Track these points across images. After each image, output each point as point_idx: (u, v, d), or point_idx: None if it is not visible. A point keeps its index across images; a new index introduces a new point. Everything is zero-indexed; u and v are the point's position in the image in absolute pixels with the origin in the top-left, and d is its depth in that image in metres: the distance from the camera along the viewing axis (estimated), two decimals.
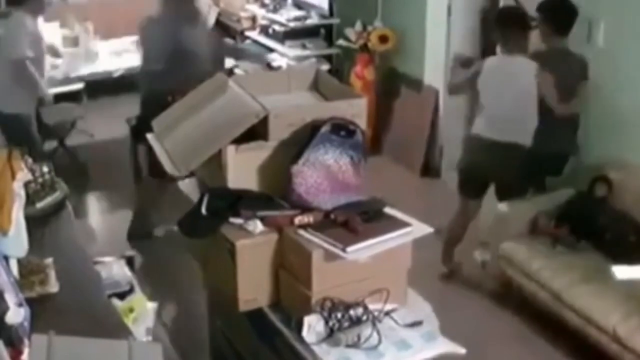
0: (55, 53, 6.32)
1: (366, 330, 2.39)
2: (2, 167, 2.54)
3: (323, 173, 2.58)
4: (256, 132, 2.62)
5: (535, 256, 4.33)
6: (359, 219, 2.52)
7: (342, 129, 2.62)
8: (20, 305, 2.20)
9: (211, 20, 8.07)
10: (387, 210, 2.66)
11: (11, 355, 2.03)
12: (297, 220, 2.53)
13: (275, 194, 2.62)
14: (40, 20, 5.52)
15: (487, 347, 3.93)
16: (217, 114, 2.78)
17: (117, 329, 2.43)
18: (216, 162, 2.61)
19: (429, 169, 6.33)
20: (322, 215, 2.56)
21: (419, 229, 2.60)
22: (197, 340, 3.52)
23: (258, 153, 2.63)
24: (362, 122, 2.69)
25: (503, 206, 4.53)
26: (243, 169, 2.62)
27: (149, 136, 2.94)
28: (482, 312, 4.55)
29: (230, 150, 2.58)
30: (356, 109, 2.72)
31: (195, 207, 2.64)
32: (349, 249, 2.42)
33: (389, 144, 6.63)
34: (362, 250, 2.45)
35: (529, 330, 4.37)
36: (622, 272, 4.10)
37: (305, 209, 2.56)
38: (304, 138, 2.59)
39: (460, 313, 4.24)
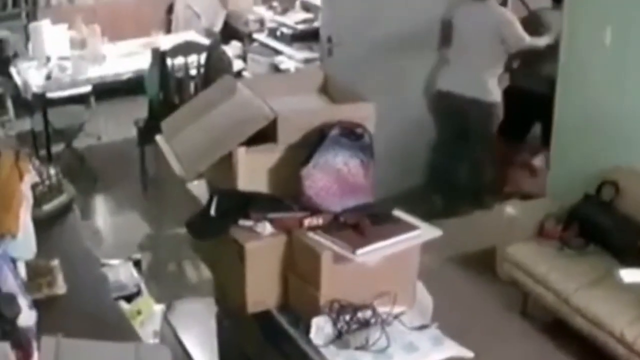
0: None
1: (374, 333, 2.38)
2: (9, 169, 2.54)
3: (333, 176, 2.57)
4: (265, 135, 2.61)
5: (542, 259, 4.32)
6: (369, 221, 2.52)
7: (351, 132, 2.61)
8: (30, 307, 2.21)
9: (219, 23, 8.10)
10: (396, 213, 2.66)
11: (20, 358, 2.03)
12: (307, 222, 2.53)
13: (285, 196, 2.61)
14: None
15: (493, 350, 3.92)
16: (226, 116, 2.78)
17: (124, 332, 2.44)
18: (225, 164, 2.61)
19: None
20: (332, 217, 2.56)
21: (428, 231, 2.59)
22: (204, 342, 3.51)
23: (268, 155, 2.62)
24: (370, 124, 2.69)
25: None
26: (253, 171, 2.62)
27: (158, 138, 2.94)
28: (488, 314, 4.54)
29: (241, 152, 2.57)
30: (364, 112, 2.71)
31: (204, 209, 2.64)
32: (359, 251, 2.41)
33: None
34: (372, 253, 2.45)
35: (535, 333, 4.35)
36: (629, 275, 4.09)
37: (315, 211, 2.56)
38: (313, 141, 2.58)
39: (465, 314, 4.24)
